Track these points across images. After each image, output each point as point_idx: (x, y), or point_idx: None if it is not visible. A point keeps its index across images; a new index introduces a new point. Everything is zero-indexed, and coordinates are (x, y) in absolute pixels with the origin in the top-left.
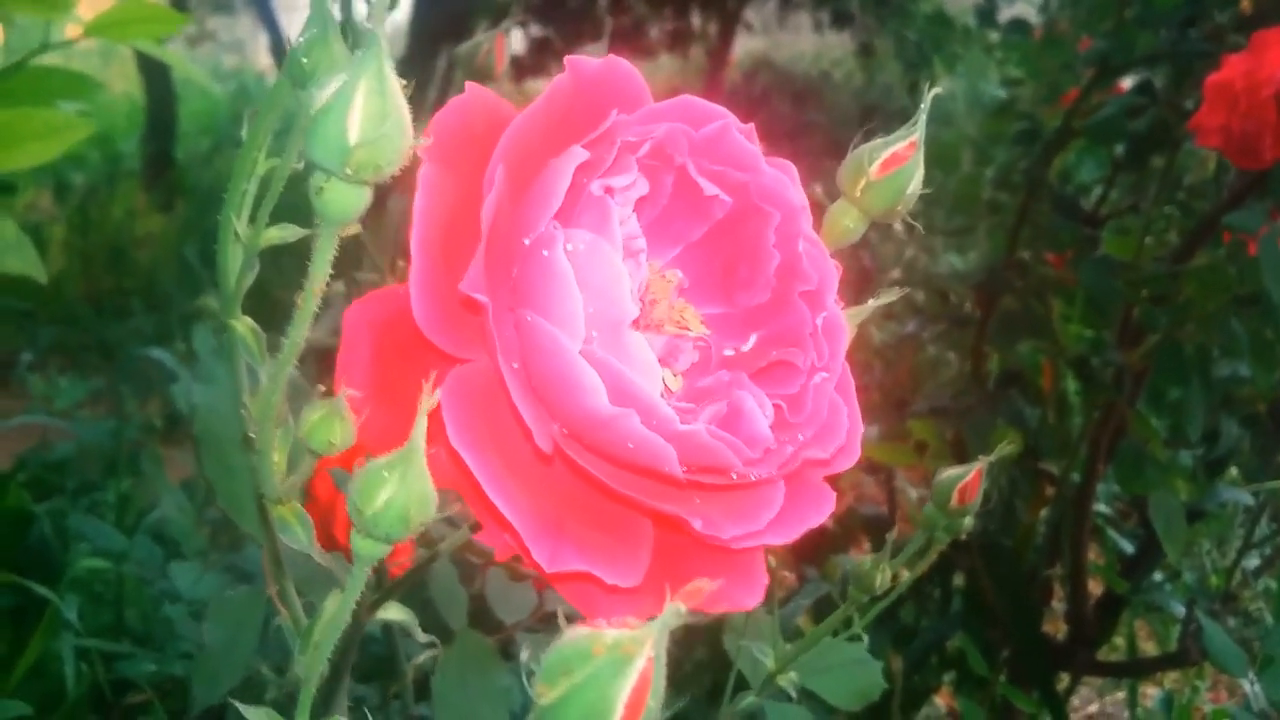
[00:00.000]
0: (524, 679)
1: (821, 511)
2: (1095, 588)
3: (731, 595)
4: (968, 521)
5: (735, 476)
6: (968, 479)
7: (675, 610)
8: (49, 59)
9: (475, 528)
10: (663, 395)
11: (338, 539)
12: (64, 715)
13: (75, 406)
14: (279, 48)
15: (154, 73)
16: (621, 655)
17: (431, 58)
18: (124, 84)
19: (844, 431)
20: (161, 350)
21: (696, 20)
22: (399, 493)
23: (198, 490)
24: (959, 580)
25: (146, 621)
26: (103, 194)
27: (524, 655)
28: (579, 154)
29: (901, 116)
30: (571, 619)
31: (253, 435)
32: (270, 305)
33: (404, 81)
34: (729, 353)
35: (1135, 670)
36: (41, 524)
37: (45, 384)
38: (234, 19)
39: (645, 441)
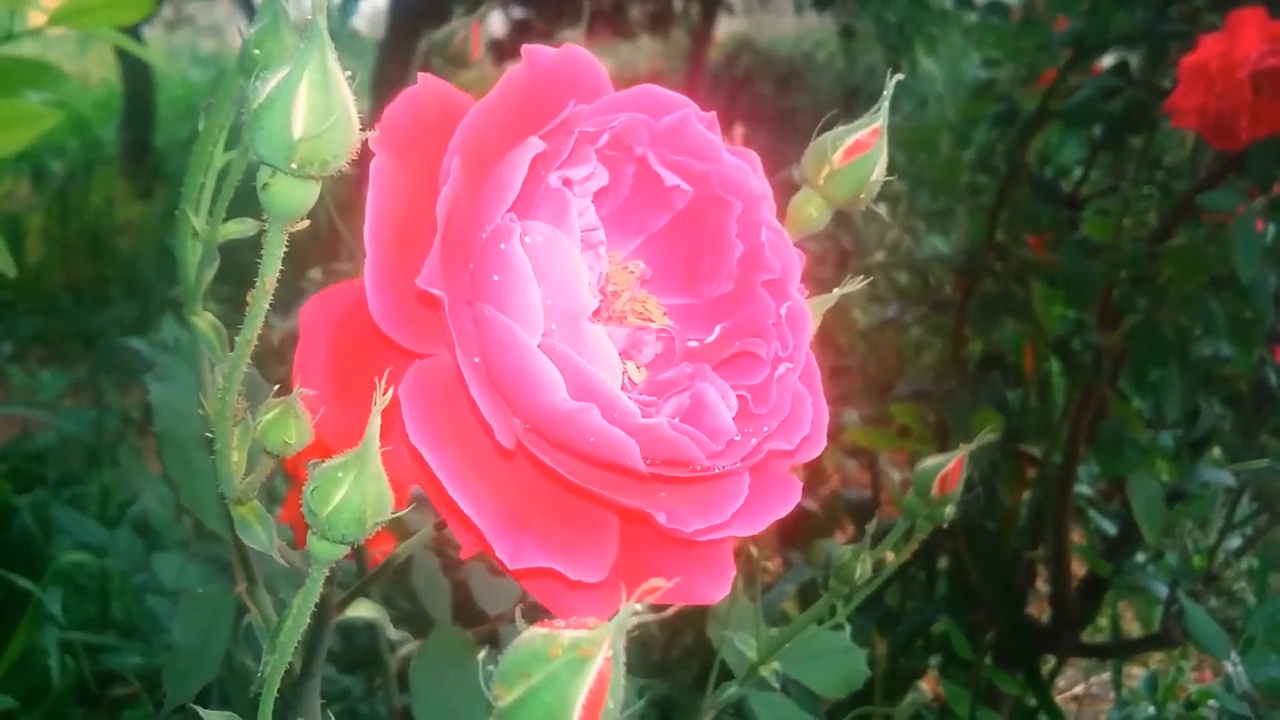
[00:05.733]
0: (482, 682)
1: (787, 502)
2: (1078, 569)
3: (697, 588)
4: (949, 510)
5: (699, 469)
6: (949, 468)
7: (631, 610)
8: (24, 48)
9: (442, 522)
10: (625, 388)
11: None
12: (49, 709)
13: (56, 397)
14: None
15: (131, 59)
16: (579, 656)
17: (412, 41)
18: (102, 71)
19: (808, 422)
20: (142, 339)
21: (678, 1)
22: (353, 493)
23: None
24: (943, 564)
25: (131, 614)
26: (81, 182)
27: (480, 654)
28: (536, 145)
29: None
30: (531, 616)
31: (210, 435)
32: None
33: (348, 72)
34: (693, 344)
35: (1119, 651)
36: (23, 516)
37: (26, 375)
38: (211, 3)
39: (606, 436)
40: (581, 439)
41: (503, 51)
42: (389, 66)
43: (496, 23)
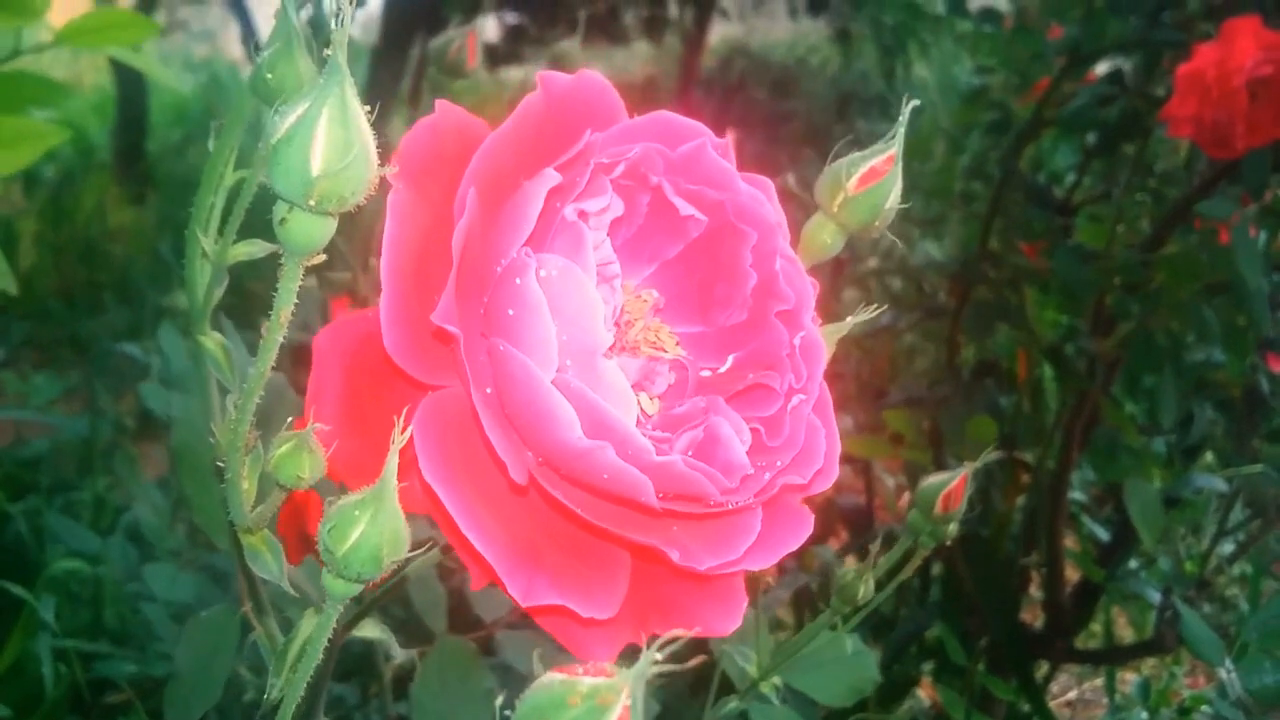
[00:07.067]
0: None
1: (800, 535)
2: (1072, 575)
3: (709, 622)
4: (952, 528)
5: (712, 505)
6: (952, 486)
7: (650, 659)
8: (20, 61)
9: (448, 548)
10: (639, 420)
11: (313, 537)
12: (42, 716)
13: (49, 403)
14: (250, 38)
15: (125, 65)
16: (598, 705)
17: (405, 47)
18: (95, 75)
19: (822, 454)
20: (134, 345)
21: (672, 6)
22: (370, 532)
23: (173, 489)
24: (937, 570)
25: (125, 621)
26: (74, 186)
27: (499, 697)
28: (551, 177)
29: (878, 103)
30: (546, 657)
31: (222, 464)
32: (246, 298)
33: (368, 108)
34: (706, 374)
35: (1112, 658)
36: (16, 523)
37: (19, 381)
38: (204, 8)
39: (621, 473)
40: (595, 476)
41: (497, 57)
42: (383, 72)
43: (490, 29)
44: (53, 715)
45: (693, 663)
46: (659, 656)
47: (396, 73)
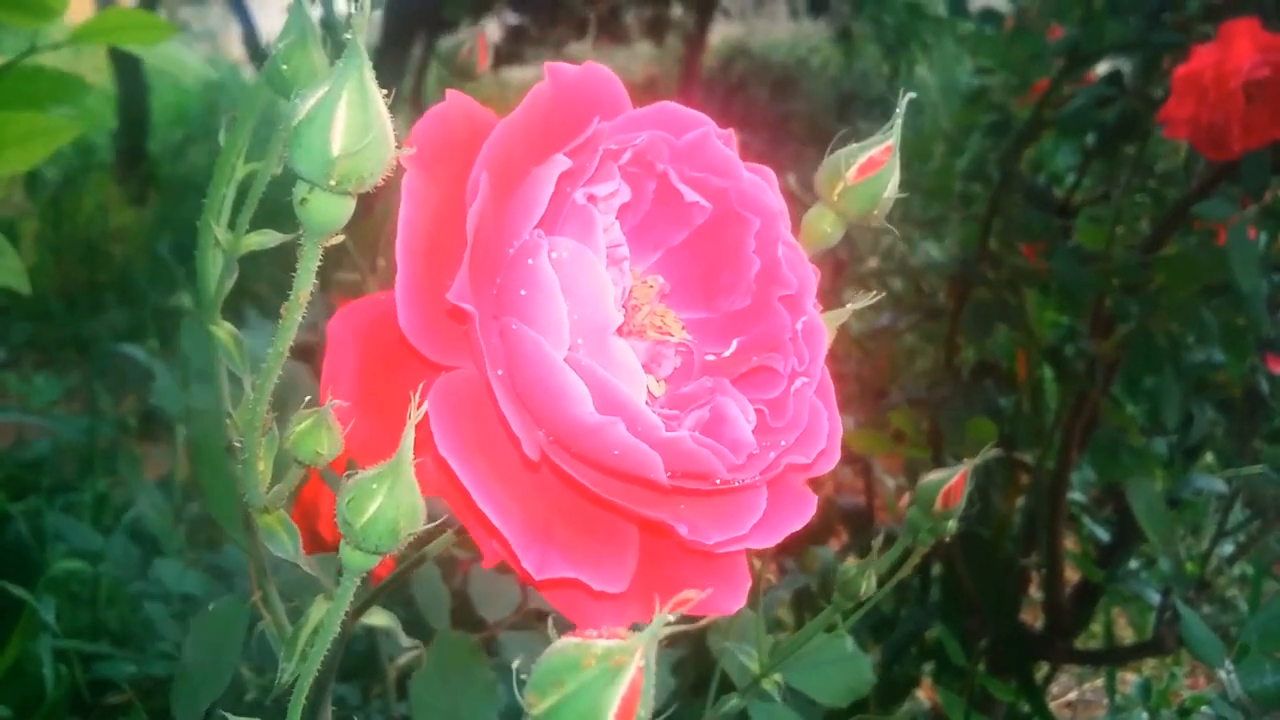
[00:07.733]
0: (515, 689)
1: (803, 515)
2: (1072, 576)
3: (715, 600)
4: (951, 525)
5: (719, 482)
6: (951, 483)
7: (663, 620)
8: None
9: (461, 531)
10: (646, 401)
11: (323, 535)
12: (43, 717)
13: (50, 404)
14: (251, 38)
15: (126, 65)
16: (612, 666)
17: (405, 46)
18: (95, 75)
19: (824, 435)
20: (135, 346)
21: (673, 7)
22: (388, 505)
23: (175, 488)
24: (937, 570)
25: (125, 622)
26: (75, 187)
27: (514, 663)
28: (562, 162)
29: (879, 103)
30: (560, 625)
31: (238, 444)
32: (249, 300)
33: (385, 91)
34: (710, 358)
35: (1113, 658)
36: (17, 524)
37: (20, 382)
38: (205, 9)
39: (631, 449)
40: (606, 452)
41: (499, 57)
42: (384, 72)
43: (491, 28)
44: (53, 716)
45: (703, 622)
46: (671, 618)
47: (397, 72)
